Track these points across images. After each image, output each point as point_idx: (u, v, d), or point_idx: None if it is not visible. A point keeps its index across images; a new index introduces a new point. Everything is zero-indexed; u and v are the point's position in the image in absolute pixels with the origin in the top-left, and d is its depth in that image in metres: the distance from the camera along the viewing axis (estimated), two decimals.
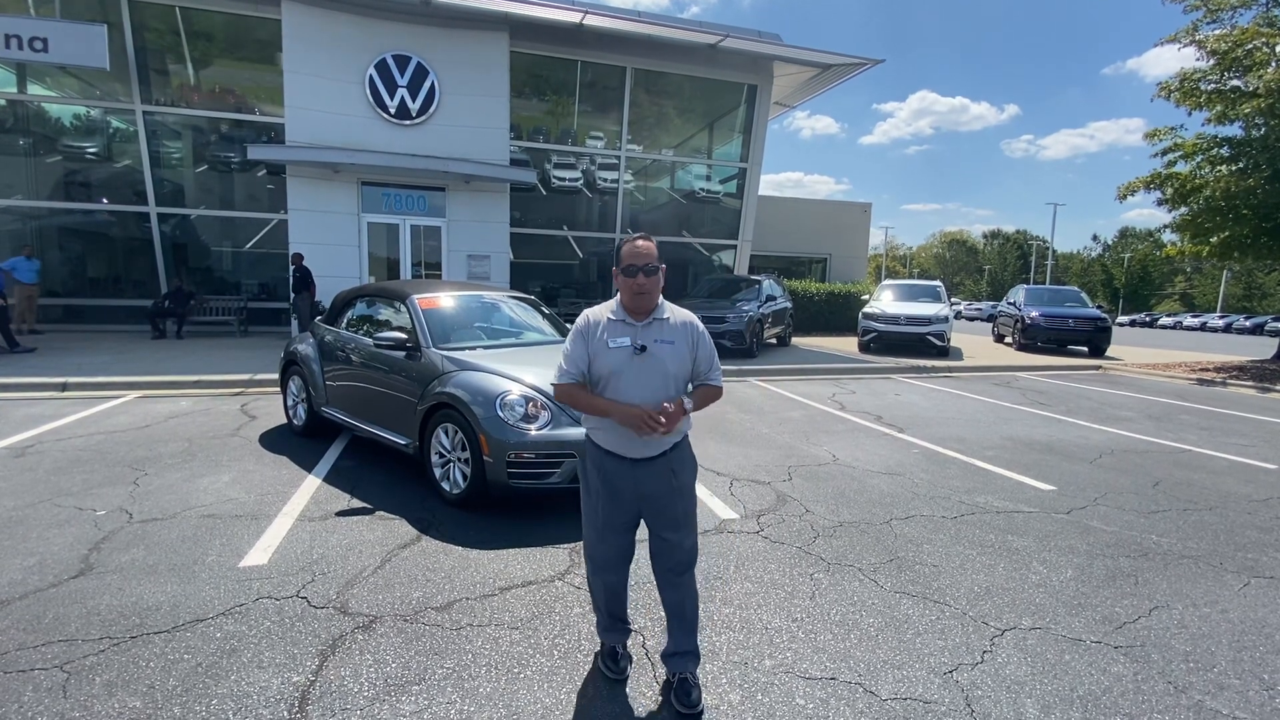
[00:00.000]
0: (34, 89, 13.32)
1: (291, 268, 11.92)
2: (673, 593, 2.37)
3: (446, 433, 4.25)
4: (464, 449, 4.11)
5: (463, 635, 2.70)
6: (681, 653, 2.35)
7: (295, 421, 5.99)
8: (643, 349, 2.22)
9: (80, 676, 2.34)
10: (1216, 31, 11.72)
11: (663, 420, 2.13)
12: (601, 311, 2.32)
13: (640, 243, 2.25)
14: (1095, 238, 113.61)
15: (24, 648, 2.51)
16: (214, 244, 14.74)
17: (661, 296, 2.33)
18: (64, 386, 7.52)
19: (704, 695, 2.34)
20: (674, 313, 2.33)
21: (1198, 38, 11.81)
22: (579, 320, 2.32)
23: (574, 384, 2.28)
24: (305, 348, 5.87)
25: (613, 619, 2.49)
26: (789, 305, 14.71)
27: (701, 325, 2.37)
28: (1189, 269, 62.14)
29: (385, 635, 2.67)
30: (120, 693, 2.26)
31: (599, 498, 2.33)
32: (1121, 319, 51.45)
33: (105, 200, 13.66)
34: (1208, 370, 12.56)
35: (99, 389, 7.57)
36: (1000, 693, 2.41)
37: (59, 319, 13.17)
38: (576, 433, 3.96)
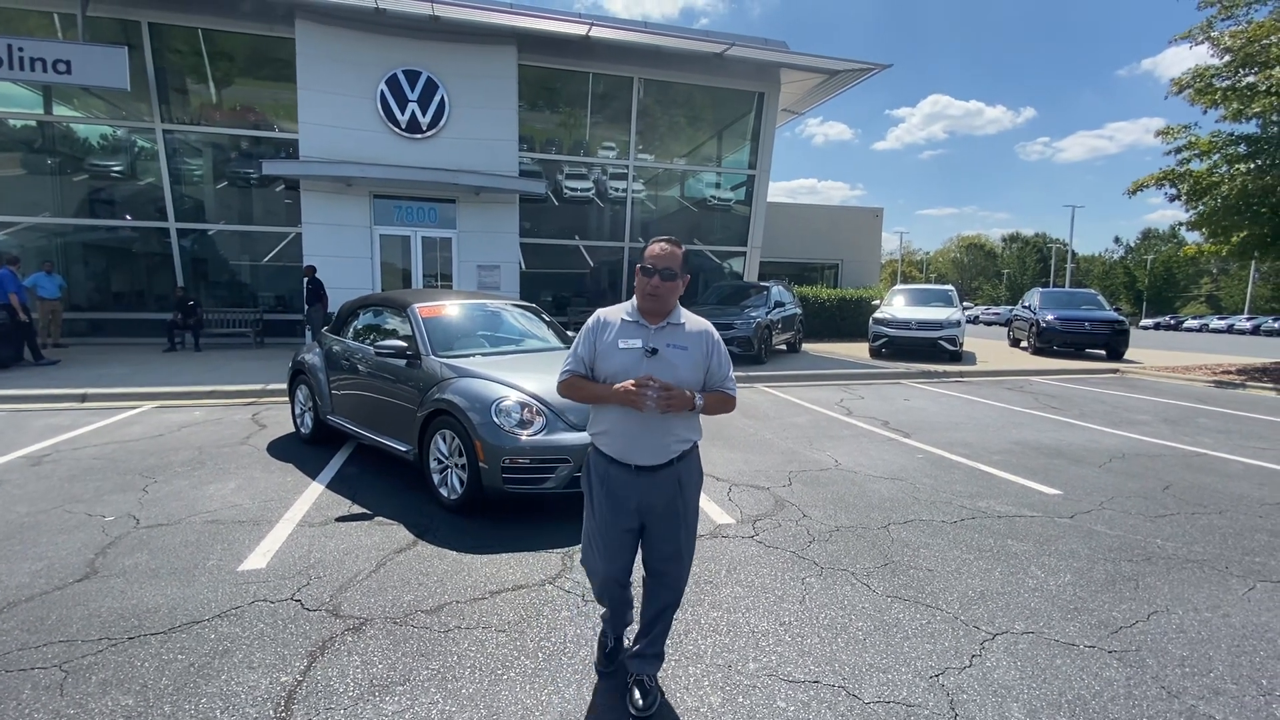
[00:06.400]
0: (60, 110, 13.74)
1: (304, 280, 12.15)
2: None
3: (444, 439, 4.31)
4: (461, 455, 4.16)
5: (450, 637, 2.73)
6: (644, 654, 2.35)
7: (302, 430, 6.09)
8: (654, 352, 2.16)
9: (77, 676, 2.41)
10: (1231, 28, 11.55)
11: (652, 386, 2.05)
12: (615, 312, 2.28)
13: (664, 245, 2.19)
14: (1117, 240, 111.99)
15: (26, 648, 2.58)
16: (232, 258, 15.05)
17: (680, 305, 2.29)
18: (84, 398, 7.72)
19: (685, 697, 2.34)
20: (690, 320, 2.28)
21: (1211, 34, 11.64)
22: (590, 319, 2.28)
23: (575, 375, 2.26)
24: (312, 357, 5.98)
25: (615, 627, 2.51)
26: (798, 311, 14.66)
27: (718, 335, 2.31)
28: (1214, 270, 60.84)
29: (374, 637, 2.71)
30: (114, 691, 2.32)
31: (601, 508, 2.25)
32: (1145, 322, 50.51)
33: (128, 216, 14.02)
34: (1229, 372, 12.28)
35: (118, 400, 7.75)
36: (986, 697, 2.38)
37: (84, 332, 13.52)
38: (572, 438, 4.00)
